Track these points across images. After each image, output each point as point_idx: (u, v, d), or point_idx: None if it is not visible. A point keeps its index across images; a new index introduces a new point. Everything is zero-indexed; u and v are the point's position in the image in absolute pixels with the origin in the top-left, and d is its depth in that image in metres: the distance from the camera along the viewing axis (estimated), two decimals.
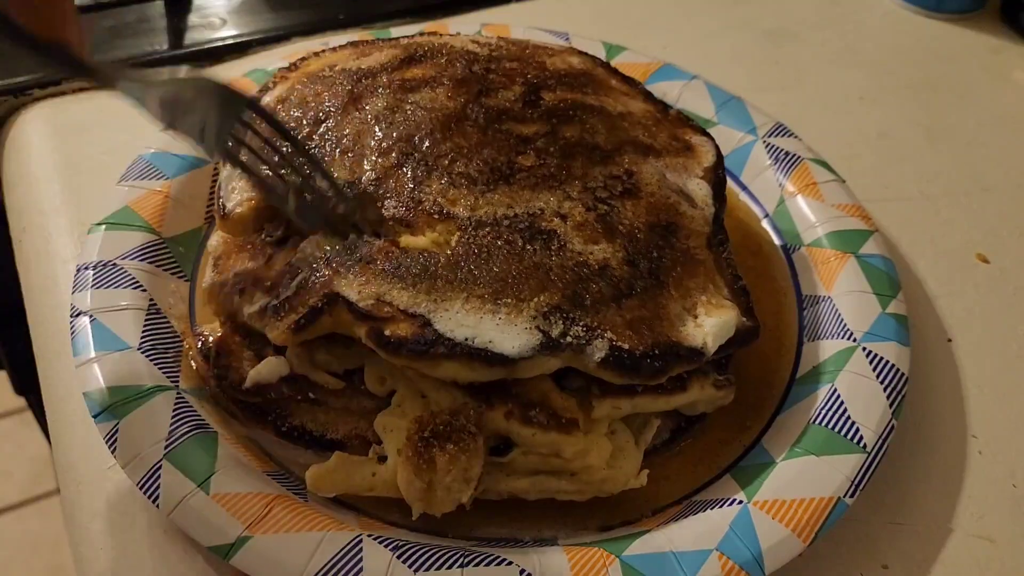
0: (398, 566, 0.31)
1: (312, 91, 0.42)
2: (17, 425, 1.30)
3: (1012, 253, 0.51)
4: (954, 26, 0.70)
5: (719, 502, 0.35)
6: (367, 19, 0.63)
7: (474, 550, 0.33)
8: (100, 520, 0.36)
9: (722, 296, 0.37)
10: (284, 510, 0.33)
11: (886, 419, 0.37)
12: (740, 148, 0.51)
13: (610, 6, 0.69)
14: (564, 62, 0.46)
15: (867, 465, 0.36)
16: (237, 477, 0.34)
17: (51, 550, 1.17)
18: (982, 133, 0.60)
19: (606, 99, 0.43)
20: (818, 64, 0.65)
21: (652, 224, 0.38)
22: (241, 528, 0.32)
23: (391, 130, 0.39)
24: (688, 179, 0.41)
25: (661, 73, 0.55)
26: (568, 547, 0.33)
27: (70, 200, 0.48)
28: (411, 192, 0.37)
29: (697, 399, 0.38)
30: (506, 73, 0.43)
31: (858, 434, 0.37)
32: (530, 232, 0.36)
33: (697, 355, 0.35)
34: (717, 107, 0.53)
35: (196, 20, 0.61)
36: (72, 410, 0.39)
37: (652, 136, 0.42)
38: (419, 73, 0.42)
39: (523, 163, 0.38)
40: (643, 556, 0.33)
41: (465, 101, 0.41)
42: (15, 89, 0.54)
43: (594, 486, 0.35)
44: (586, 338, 0.33)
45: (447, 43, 0.45)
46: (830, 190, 0.48)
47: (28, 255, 0.47)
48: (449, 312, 0.33)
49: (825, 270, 0.44)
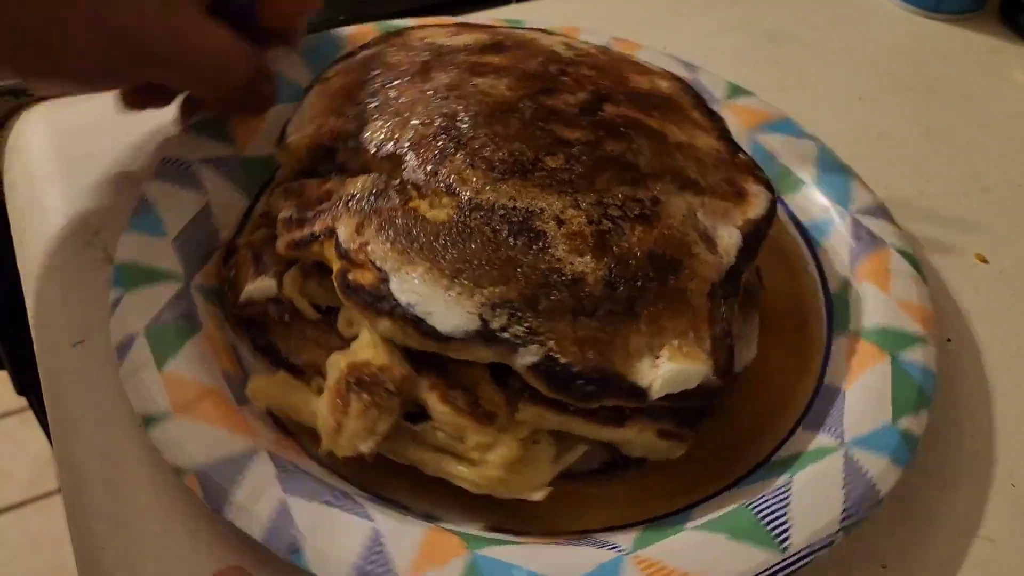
0: (272, 483, 0.33)
1: (397, 56, 0.44)
2: (18, 425, 1.30)
3: (1012, 253, 0.51)
4: (953, 26, 0.70)
5: (605, 544, 0.34)
6: (368, 20, 0.63)
7: (351, 496, 0.34)
8: (101, 520, 0.36)
9: (700, 348, 0.35)
10: (215, 406, 0.35)
11: (828, 530, 0.34)
12: (827, 219, 0.48)
13: (610, 6, 0.69)
14: (650, 83, 0.45)
15: (778, 568, 0.33)
16: (193, 367, 0.37)
17: (52, 550, 1.17)
18: (982, 133, 0.60)
19: (672, 127, 0.42)
20: (818, 64, 0.65)
21: (653, 255, 0.36)
22: (167, 406, 0.35)
23: (442, 105, 0.40)
24: (722, 225, 0.39)
25: (778, 125, 0.53)
26: (436, 528, 0.34)
27: (71, 201, 0.48)
28: (434, 163, 0.38)
29: (633, 440, 0.37)
30: (579, 78, 0.42)
31: (785, 534, 0.34)
32: (519, 227, 0.35)
33: (638, 393, 0.33)
34: (820, 171, 0.50)
35: None
36: (73, 410, 0.39)
37: (703, 173, 0.40)
38: (495, 60, 0.43)
39: (548, 163, 0.38)
40: (496, 562, 0.33)
41: (523, 95, 0.40)
42: (16, 89, 0.54)
43: (490, 483, 0.35)
44: (524, 340, 0.33)
45: (536, 39, 0.45)
46: (901, 284, 0.44)
47: (29, 255, 0.47)
48: (408, 276, 0.34)
49: (856, 363, 0.41)
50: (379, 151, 0.39)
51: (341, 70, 0.45)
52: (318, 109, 0.43)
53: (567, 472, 0.38)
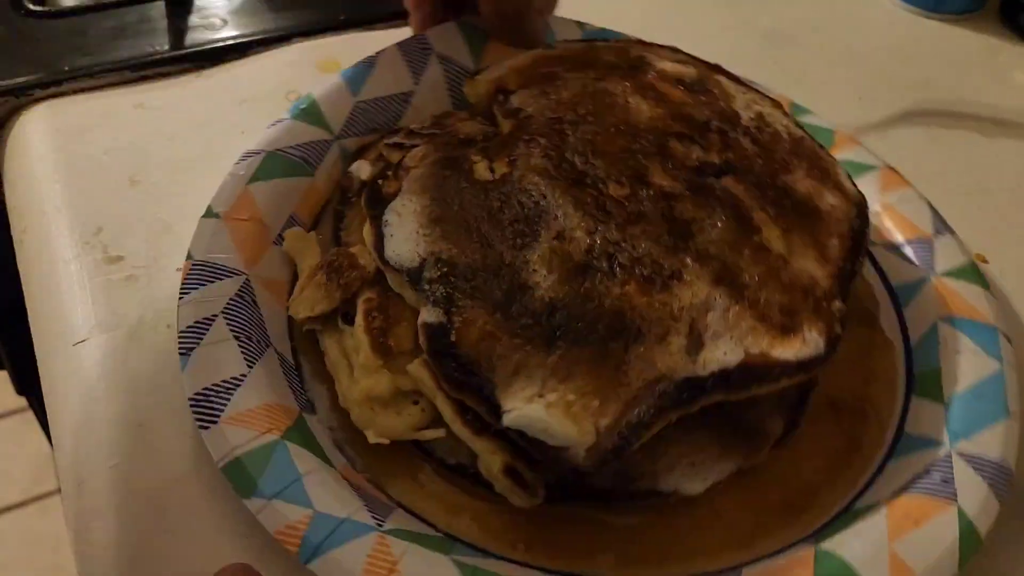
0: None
1: (609, 58, 0.45)
2: (18, 425, 1.30)
3: (1012, 253, 0.51)
4: (953, 26, 0.70)
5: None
6: (368, 19, 0.63)
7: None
8: (101, 520, 0.36)
9: (593, 419, 0.31)
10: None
11: None
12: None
13: (610, 6, 0.69)
14: (814, 192, 0.41)
15: None
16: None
17: (51, 550, 1.17)
18: (981, 133, 0.60)
19: (777, 232, 0.38)
20: (818, 64, 0.65)
21: (618, 314, 0.32)
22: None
23: (588, 102, 0.41)
24: (729, 341, 0.33)
25: None
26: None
27: (71, 200, 0.48)
28: (527, 137, 0.39)
29: (485, 460, 0.34)
30: (731, 144, 0.40)
31: None
32: (521, 218, 0.36)
33: (493, 409, 0.31)
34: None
35: (197, 21, 0.61)
36: (73, 410, 0.39)
37: (763, 286, 0.36)
38: (673, 92, 0.43)
39: (609, 188, 0.37)
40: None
41: (657, 128, 0.40)
42: (16, 89, 0.54)
43: (346, 402, 0.37)
44: (438, 300, 0.33)
45: (736, 98, 0.44)
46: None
47: (29, 255, 0.47)
48: (406, 202, 0.37)
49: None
50: (512, 111, 0.41)
51: (562, 51, 0.47)
52: (519, 64, 0.45)
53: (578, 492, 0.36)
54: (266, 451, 0.34)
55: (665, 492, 0.35)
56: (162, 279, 0.45)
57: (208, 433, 0.34)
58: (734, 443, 0.36)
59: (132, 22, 0.60)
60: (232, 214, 0.41)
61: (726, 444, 0.36)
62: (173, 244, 0.46)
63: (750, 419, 0.37)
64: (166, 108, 0.55)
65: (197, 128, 0.53)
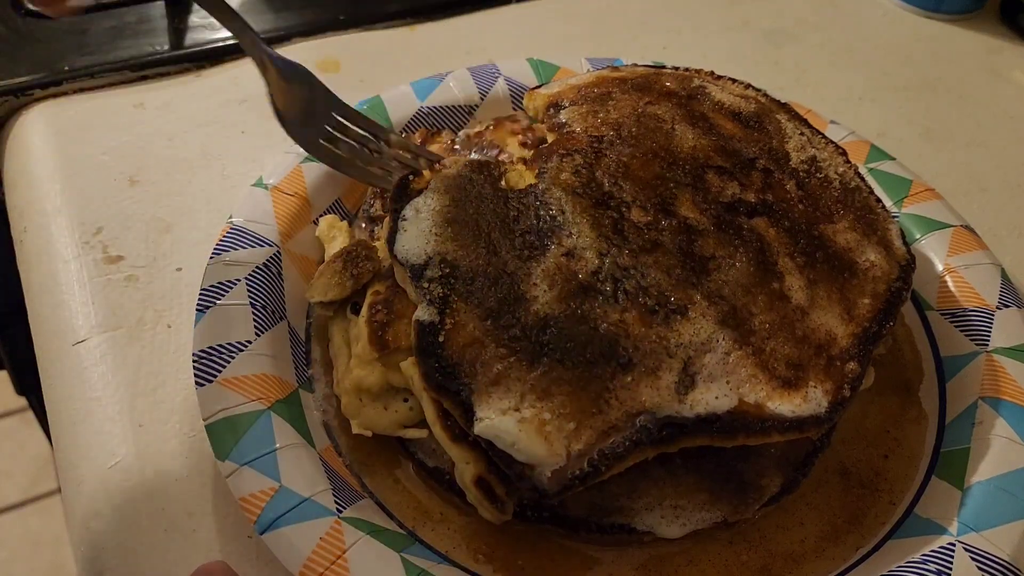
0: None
1: (670, 84, 0.45)
2: (18, 425, 1.30)
3: (1012, 253, 0.51)
4: (953, 26, 0.70)
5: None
6: (368, 19, 0.63)
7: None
8: (100, 519, 0.36)
9: (565, 443, 0.30)
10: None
11: None
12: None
13: (610, 6, 0.69)
14: (853, 246, 0.38)
15: None
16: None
17: (52, 550, 1.17)
18: (981, 133, 0.60)
19: (801, 283, 0.36)
20: (818, 64, 0.65)
21: (610, 340, 0.32)
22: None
23: (634, 124, 0.41)
24: (724, 386, 0.33)
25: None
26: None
27: (71, 200, 0.48)
28: (562, 151, 0.39)
29: (459, 467, 0.34)
30: (771, 186, 0.39)
31: None
32: (535, 231, 0.35)
33: (467, 413, 0.31)
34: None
35: (197, 21, 0.61)
36: (73, 409, 0.39)
37: (771, 335, 0.34)
38: (723, 124, 0.42)
39: (633, 213, 0.36)
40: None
41: (696, 159, 0.39)
42: (16, 89, 0.54)
43: (337, 388, 0.38)
44: (433, 299, 0.34)
45: (793, 138, 0.43)
46: None
47: (29, 255, 0.47)
48: (427, 201, 0.37)
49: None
50: (558, 124, 0.42)
51: (626, 73, 0.46)
52: (579, 82, 0.45)
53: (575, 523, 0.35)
54: (250, 418, 0.34)
55: (640, 531, 0.35)
56: (162, 279, 0.45)
57: (202, 390, 0.35)
58: (724, 494, 0.35)
59: (132, 22, 0.60)
60: (280, 187, 0.44)
61: (716, 493, 0.35)
62: (173, 244, 0.46)
63: (746, 471, 0.36)
64: (166, 108, 0.55)
65: (197, 128, 0.54)
